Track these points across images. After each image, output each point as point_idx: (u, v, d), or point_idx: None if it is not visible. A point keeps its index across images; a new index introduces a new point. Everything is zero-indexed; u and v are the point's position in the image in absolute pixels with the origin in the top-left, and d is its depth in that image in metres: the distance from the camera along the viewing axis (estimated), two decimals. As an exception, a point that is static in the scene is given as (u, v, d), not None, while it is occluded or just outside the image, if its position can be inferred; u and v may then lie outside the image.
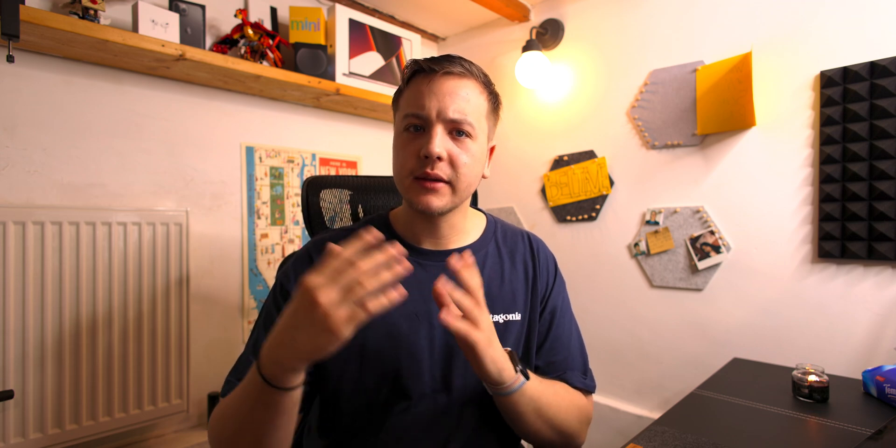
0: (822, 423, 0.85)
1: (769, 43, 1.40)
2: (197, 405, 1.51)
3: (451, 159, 0.66)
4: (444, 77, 0.67)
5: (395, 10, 2.03)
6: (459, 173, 0.67)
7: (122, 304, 1.32)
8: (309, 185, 0.97)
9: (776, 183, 1.40)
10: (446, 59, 0.68)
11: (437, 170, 0.65)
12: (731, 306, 1.48)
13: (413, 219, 0.74)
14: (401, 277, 0.51)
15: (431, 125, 0.66)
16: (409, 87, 0.69)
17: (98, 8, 1.20)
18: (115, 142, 1.37)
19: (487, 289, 0.74)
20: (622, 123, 1.73)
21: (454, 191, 0.68)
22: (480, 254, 0.77)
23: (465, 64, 0.69)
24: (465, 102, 0.67)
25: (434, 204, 0.67)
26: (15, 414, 1.15)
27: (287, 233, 1.74)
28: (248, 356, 0.70)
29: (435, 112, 0.65)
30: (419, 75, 0.68)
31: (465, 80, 0.68)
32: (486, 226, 0.81)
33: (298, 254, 0.76)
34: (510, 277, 0.77)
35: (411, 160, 0.67)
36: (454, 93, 0.66)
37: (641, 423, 1.62)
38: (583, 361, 0.80)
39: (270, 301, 0.74)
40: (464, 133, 0.67)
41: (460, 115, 0.66)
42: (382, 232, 0.75)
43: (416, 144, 0.67)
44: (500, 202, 2.11)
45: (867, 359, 1.25)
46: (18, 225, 1.18)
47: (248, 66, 1.42)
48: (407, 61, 0.72)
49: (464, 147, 0.67)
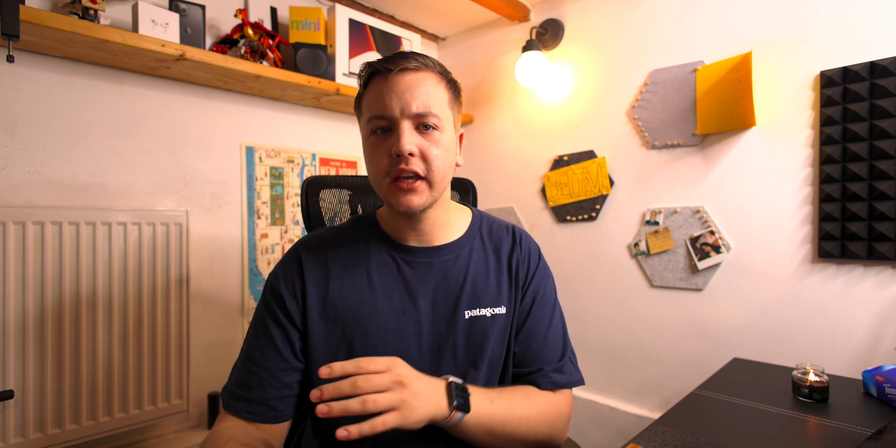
0: (822, 423, 0.85)
1: (769, 43, 1.40)
2: (197, 405, 1.51)
3: (422, 154, 0.66)
4: (400, 74, 0.66)
5: (395, 10, 2.03)
6: (433, 166, 0.67)
7: (122, 305, 1.32)
8: (309, 186, 0.98)
9: (776, 183, 1.40)
10: (400, 56, 0.68)
11: (411, 165, 0.65)
12: (731, 306, 1.48)
13: (396, 218, 0.75)
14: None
15: (397, 123, 0.66)
16: (368, 90, 0.69)
17: (98, 8, 1.20)
18: (115, 142, 1.37)
19: (473, 283, 0.75)
20: (622, 123, 1.73)
21: (430, 185, 0.68)
22: (465, 250, 0.77)
23: (419, 58, 0.68)
24: (427, 96, 0.67)
25: (414, 203, 0.67)
26: (15, 414, 1.15)
27: (287, 233, 1.74)
28: (245, 364, 0.71)
29: (398, 110, 0.65)
30: (376, 77, 0.68)
31: (421, 73, 0.67)
32: (472, 221, 0.81)
33: (288, 254, 0.76)
34: (495, 272, 0.77)
35: (384, 161, 0.67)
36: (413, 88, 0.66)
37: (641, 423, 1.62)
38: (561, 354, 0.77)
39: (262, 306, 0.74)
40: (430, 126, 0.67)
41: (424, 108, 0.66)
42: (370, 231, 0.78)
43: (386, 145, 0.67)
44: (500, 202, 2.11)
45: (867, 359, 1.25)
46: (18, 225, 1.18)
47: (248, 66, 1.42)
48: (361, 65, 0.72)
49: (433, 140, 0.67)
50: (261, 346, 0.71)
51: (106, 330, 1.29)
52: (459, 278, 0.75)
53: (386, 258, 0.74)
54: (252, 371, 0.69)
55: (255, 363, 0.70)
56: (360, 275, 0.72)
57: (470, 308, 0.73)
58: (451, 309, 0.73)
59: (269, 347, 0.70)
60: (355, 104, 0.75)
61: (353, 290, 0.71)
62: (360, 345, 0.69)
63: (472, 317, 0.73)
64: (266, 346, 0.70)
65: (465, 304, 0.73)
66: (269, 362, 0.69)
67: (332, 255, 0.74)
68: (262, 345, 0.71)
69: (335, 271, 0.72)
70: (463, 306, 0.73)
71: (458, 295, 0.73)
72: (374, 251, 0.75)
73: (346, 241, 0.76)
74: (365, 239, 0.76)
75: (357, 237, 0.76)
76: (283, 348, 0.70)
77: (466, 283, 0.74)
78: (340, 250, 0.75)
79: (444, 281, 0.74)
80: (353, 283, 0.72)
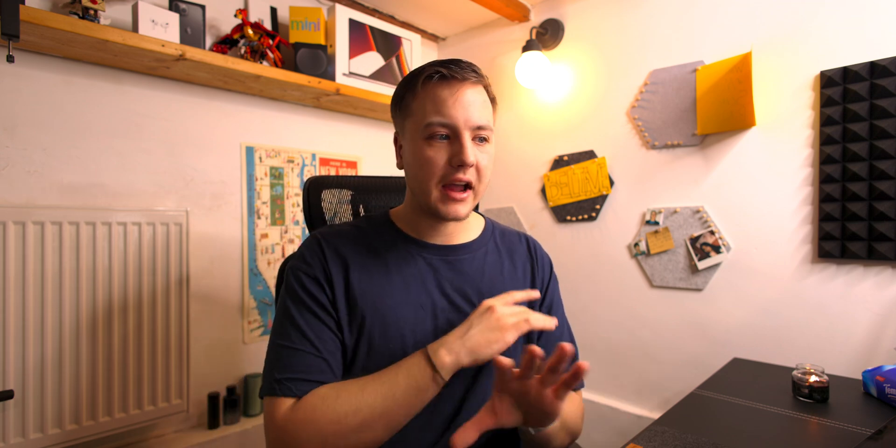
0: (822, 423, 0.85)
1: (769, 43, 1.40)
2: (197, 405, 1.51)
3: (477, 165, 0.69)
4: (464, 84, 0.68)
5: (395, 10, 2.03)
6: (482, 177, 0.70)
7: (122, 304, 1.32)
8: (310, 186, 0.98)
9: (776, 183, 1.40)
10: (466, 65, 0.69)
11: (467, 175, 0.68)
12: (731, 306, 1.48)
13: (419, 218, 0.76)
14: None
15: (460, 134, 0.67)
16: (427, 92, 0.69)
17: (98, 8, 1.20)
18: (115, 142, 1.37)
19: (490, 281, 0.77)
20: (622, 123, 1.73)
21: (475, 195, 0.71)
22: (481, 251, 0.80)
23: (477, 69, 0.70)
24: (485, 109, 0.70)
25: (462, 212, 0.70)
26: (15, 414, 1.15)
27: (287, 233, 1.74)
28: (299, 348, 0.65)
29: (463, 120, 0.67)
30: (438, 81, 0.68)
31: (479, 86, 0.70)
32: (485, 225, 0.85)
33: (308, 244, 0.74)
34: (510, 272, 0.80)
35: (439, 167, 0.68)
36: (475, 101, 0.68)
37: (641, 423, 1.62)
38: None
39: (297, 292, 0.69)
40: (484, 139, 0.70)
41: (485, 121, 0.69)
42: (385, 228, 0.78)
43: (445, 152, 0.68)
44: (500, 202, 2.11)
45: (867, 359, 1.25)
46: (18, 225, 1.18)
47: (248, 66, 1.42)
48: (422, 65, 0.72)
49: (485, 152, 0.70)
50: (316, 331, 0.66)
51: (106, 330, 1.29)
52: (476, 275, 0.77)
53: (404, 253, 0.75)
54: (313, 354, 0.65)
55: (317, 348, 0.66)
56: (378, 267, 0.73)
57: None
58: (468, 306, 0.74)
59: (325, 331, 0.67)
60: (400, 98, 0.73)
61: (372, 282, 0.71)
62: (378, 335, 0.69)
63: None
64: (322, 330, 0.67)
65: (481, 301, 0.74)
66: (329, 347, 0.67)
67: (351, 247, 0.74)
68: (315, 329, 0.67)
69: (354, 262, 0.72)
70: (479, 302, 0.74)
71: (475, 291, 0.75)
72: (393, 246, 0.75)
73: (364, 234, 0.76)
74: (382, 234, 0.77)
75: (375, 232, 0.77)
76: (335, 328, 0.68)
77: (483, 280, 0.77)
78: (359, 243, 0.75)
79: (461, 277, 0.76)
80: (371, 275, 0.72)
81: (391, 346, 0.69)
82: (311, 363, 0.64)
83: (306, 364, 0.64)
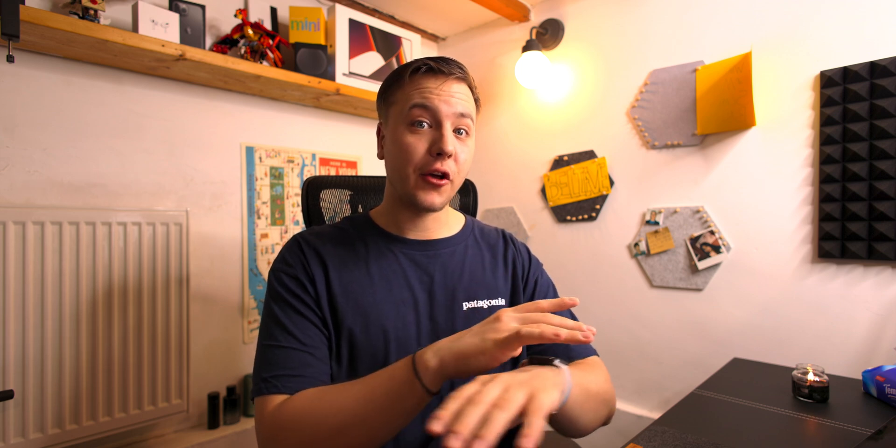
0: (822, 423, 0.85)
1: (769, 43, 1.40)
2: (197, 405, 1.51)
3: (456, 156, 0.70)
4: (450, 78, 0.70)
5: (395, 10, 2.03)
6: (461, 169, 0.71)
7: (122, 305, 1.32)
8: (309, 186, 0.98)
9: (776, 183, 1.40)
10: (453, 62, 0.71)
11: (446, 165, 0.68)
12: (731, 306, 1.48)
13: (398, 212, 0.76)
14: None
15: (441, 122, 0.68)
16: (413, 81, 0.70)
17: (98, 8, 1.20)
18: (115, 142, 1.37)
19: (470, 276, 0.77)
20: (622, 123, 1.73)
21: (452, 187, 0.72)
22: (461, 246, 0.80)
23: (464, 68, 0.72)
24: (468, 102, 0.71)
25: (437, 201, 0.70)
26: (15, 414, 1.15)
27: (287, 233, 1.74)
28: (284, 345, 0.65)
29: (444, 108, 0.68)
30: (426, 74, 0.70)
31: (463, 83, 0.72)
32: (465, 222, 0.86)
33: (289, 245, 0.75)
34: (491, 266, 0.81)
35: (418, 155, 0.68)
36: (459, 92, 0.70)
37: (641, 423, 1.62)
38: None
39: (279, 293, 0.70)
40: (464, 131, 0.71)
41: (467, 110, 0.70)
42: (365, 227, 0.78)
43: (426, 140, 0.68)
44: (500, 202, 2.11)
45: (867, 359, 1.25)
46: (18, 225, 1.18)
47: (248, 66, 1.42)
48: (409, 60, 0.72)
49: (465, 144, 0.71)
50: (300, 327, 0.67)
51: (106, 330, 1.29)
52: (457, 271, 0.77)
53: (384, 250, 0.75)
54: (298, 350, 0.65)
55: (302, 343, 0.66)
56: (358, 266, 0.73)
57: (468, 300, 0.75)
58: (450, 300, 0.74)
59: (309, 327, 0.67)
60: (386, 92, 0.74)
61: (353, 281, 0.72)
62: (360, 333, 0.69)
63: (470, 308, 0.75)
64: (306, 326, 0.67)
65: (463, 296, 0.75)
66: (314, 341, 0.67)
67: (330, 247, 0.74)
68: (299, 326, 0.67)
69: (334, 263, 0.72)
70: (461, 298, 0.75)
71: (456, 287, 0.75)
72: (373, 243, 0.76)
73: (343, 234, 0.77)
74: (362, 233, 0.77)
75: (354, 232, 0.77)
76: (321, 324, 0.69)
77: (464, 275, 0.77)
78: (338, 242, 0.75)
79: (442, 272, 0.76)
80: (351, 274, 0.72)
81: (374, 343, 0.69)
82: (296, 358, 0.65)
83: (291, 359, 0.64)
